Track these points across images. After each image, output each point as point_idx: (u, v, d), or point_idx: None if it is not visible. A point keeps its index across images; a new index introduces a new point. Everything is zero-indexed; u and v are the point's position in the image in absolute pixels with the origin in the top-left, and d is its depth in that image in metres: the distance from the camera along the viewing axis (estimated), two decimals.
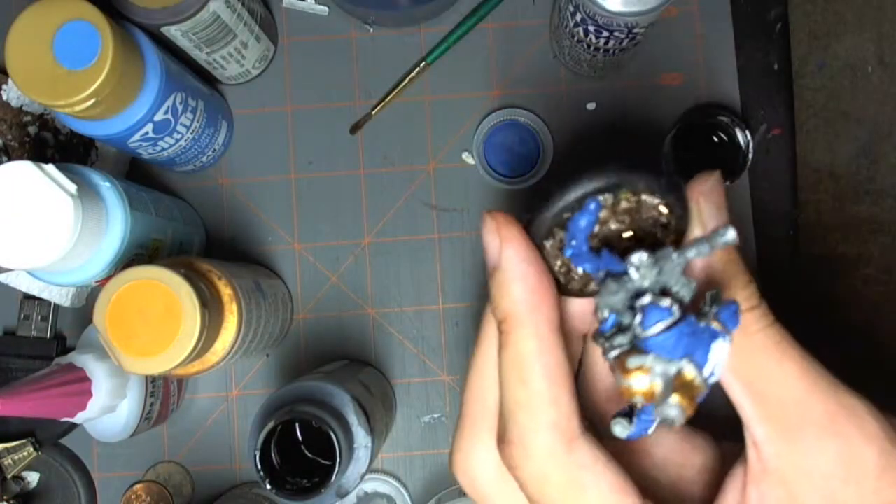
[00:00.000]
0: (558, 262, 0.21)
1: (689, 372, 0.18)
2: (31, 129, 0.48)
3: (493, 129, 0.51)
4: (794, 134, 0.49)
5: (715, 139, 0.49)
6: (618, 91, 0.51)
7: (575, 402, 0.20)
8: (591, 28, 0.42)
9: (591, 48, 0.45)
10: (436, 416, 0.51)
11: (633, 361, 0.18)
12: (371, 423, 0.41)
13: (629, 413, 0.21)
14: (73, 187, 0.34)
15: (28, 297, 0.50)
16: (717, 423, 0.23)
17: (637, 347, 0.19)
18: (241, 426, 0.51)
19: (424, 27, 0.52)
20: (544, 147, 0.50)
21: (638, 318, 0.19)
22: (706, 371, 0.18)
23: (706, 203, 0.21)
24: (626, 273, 0.19)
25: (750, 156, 0.48)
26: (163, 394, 0.47)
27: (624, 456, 0.21)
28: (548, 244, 0.21)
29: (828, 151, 0.46)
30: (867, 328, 0.43)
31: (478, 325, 0.23)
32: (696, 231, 0.21)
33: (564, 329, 0.21)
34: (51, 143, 0.48)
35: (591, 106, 0.52)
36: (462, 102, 0.52)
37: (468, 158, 0.52)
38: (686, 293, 0.19)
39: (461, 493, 0.47)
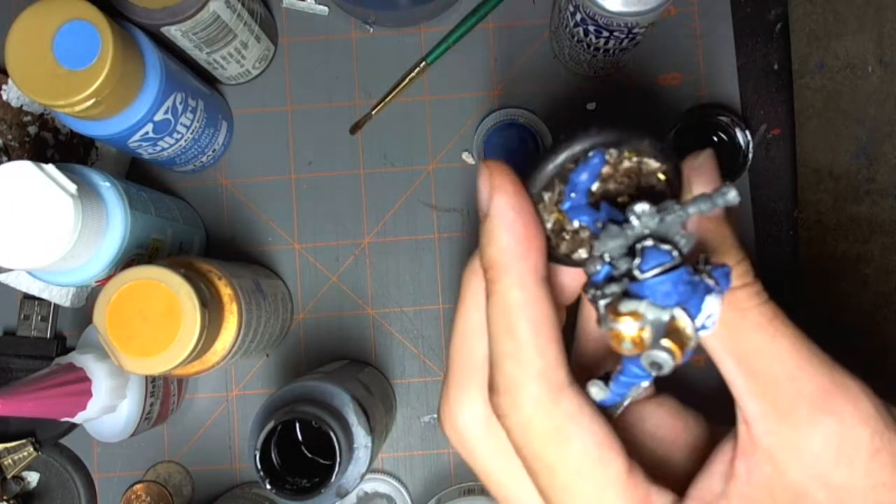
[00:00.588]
0: (552, 219, 0.21)
1: (681, 320, 0.18)
2: (31, 129, 0.48)
3: (493, 129, 0.51)
4: (794, 134, 0.49)
5: (715, 139, 0.49)
6: (618, 91, 0.51)
7: (562, 353, 0.20)
8: (591, 28, 0.42)
9: (591, 48, 0.45)
10: (436, 416, 0.51)
11: (625, 305, 0.18)
12: (371, 423, 0.41)
13: (606, 378, 0.21)
14: (73, 187, 0.34)
15: (28, 297, 0.50)
16: (713, 406, 0.23)
17: (630, 293, 0.18)
18: (241, 426, 0.51)
19: (424, 27, 0.52)
20: (544, 147, 0.51)
21: (637, 260, 0.18)
22: (698, 322, 0.18)
23: (697, 179, 0.21)
24: (626, 222, 0.19)
25: (750, 156, 0.48)
26: (163, 394, 0.47)
27: (614, 423, 0.21)
28: (546, 196, 0.21)
29: (828, 151, 0.46)
30: (867, 328, 0.43)
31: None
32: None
33: (552, 285, 0.21)
34: (51, 143, 0.48)
35: (591, 106, 0.52)
36: (462, 102, 0.52)
37: (468, 158, 0.52)
38: (685, 245, 0.19)
39: (461, 493, 0.47)
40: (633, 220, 0.19)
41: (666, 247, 0.18)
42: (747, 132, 0.48)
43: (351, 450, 0.40)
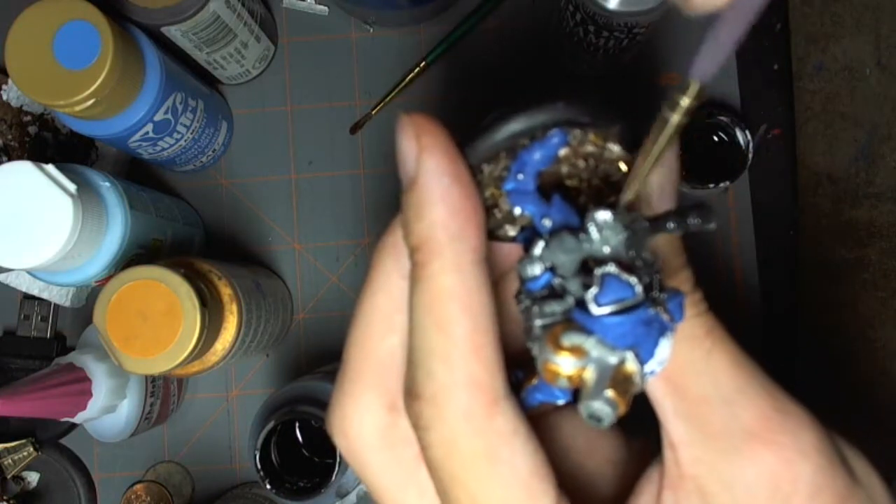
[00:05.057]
0: (486, 194, 0.18)
1: (631, 366, 0.15)
2: (31, 129, 0.48)
3: None
4: (795, 134, 0.49)
5: (715, 139, 0.49)
6: (618, 91, 0.51)
7: (500, 356, 0.17)
8: (591, 28, 0.42)
9: (591, 48, 0.45)
10: None
11: (569, 338, 0.15)
12: None
13: (517, 385, 0.18)
14: (73, 187, 0.34)
15: (28, 297, 0.50)
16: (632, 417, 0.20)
17: (574, 321, 0.16)
18: (241, 426, 0.51)
19: (424, 27, 0.52)
20: None
21: (593, 290, 0.15)
22: (648, 367, 0.16)
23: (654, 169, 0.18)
24: (579, 230, 0.16)
25: (750, 156, 0.48)
26: (163, 394, 0.47)
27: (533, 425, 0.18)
28: (486, 169, 0.18)
29: (826, 154, 0.47)
30: (865, 332, 0.44)
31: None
32: (629, 191, 0.18)
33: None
34: (51, 143, 0.48)
35: None
36: (462, 102, 0.52)
37: None
38: (647, 273, 0.16)
39: None
40: (593, 232, 0.16)
41: (629, 278, 0.16)
42: (747, 132, 0.48)
43: None
